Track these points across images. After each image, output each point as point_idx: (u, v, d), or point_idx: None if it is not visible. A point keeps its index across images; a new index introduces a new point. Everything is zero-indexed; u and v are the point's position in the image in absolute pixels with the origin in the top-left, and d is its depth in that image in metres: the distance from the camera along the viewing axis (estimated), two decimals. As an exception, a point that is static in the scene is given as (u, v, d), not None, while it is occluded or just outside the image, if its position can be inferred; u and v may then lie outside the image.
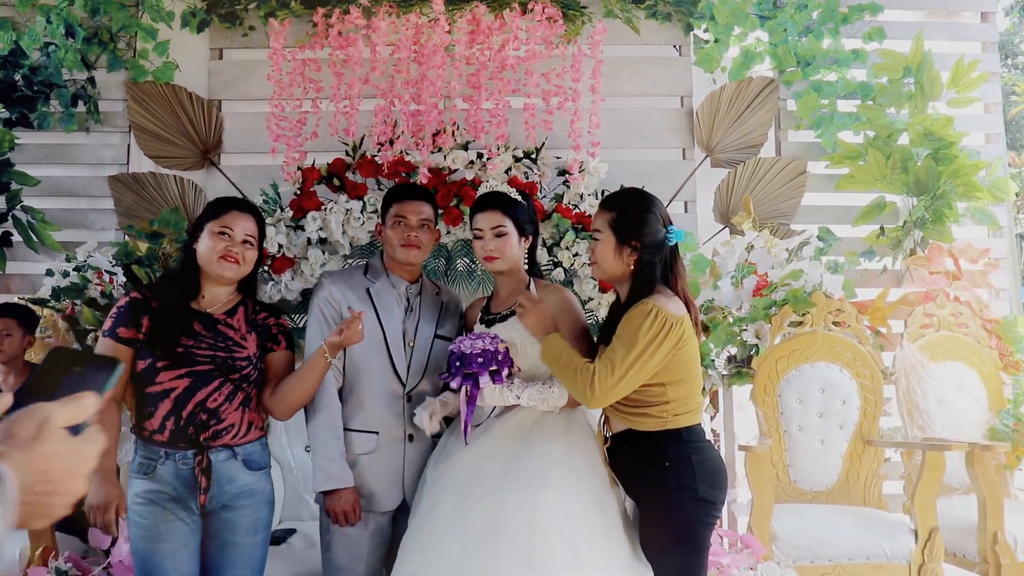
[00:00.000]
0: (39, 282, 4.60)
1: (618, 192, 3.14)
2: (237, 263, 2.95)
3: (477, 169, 4.61)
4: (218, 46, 5.14)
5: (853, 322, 4.39)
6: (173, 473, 2.85)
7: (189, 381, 2.85)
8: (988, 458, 3.90)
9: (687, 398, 2.81)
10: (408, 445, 3.16)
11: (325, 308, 3.18)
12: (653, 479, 2.75)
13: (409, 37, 4.61)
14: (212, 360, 2.88)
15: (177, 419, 2.84)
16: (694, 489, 2.71)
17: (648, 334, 2.69)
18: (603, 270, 2.93)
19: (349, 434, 3.12)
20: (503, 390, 2.91)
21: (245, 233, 2.97)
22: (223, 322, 2.97)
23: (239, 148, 5.06)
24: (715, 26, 5.11)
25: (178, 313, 2.91)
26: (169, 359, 2.84)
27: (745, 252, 4.54)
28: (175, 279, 3.04)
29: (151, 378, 2.86)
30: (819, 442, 4.30)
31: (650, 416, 2.77)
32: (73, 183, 5.08)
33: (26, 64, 4.90)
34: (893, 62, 5.08)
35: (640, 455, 2.79)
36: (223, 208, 3.01)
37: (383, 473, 3.12)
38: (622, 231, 2.86)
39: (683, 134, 5.17)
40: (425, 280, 3.37)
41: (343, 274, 3.34)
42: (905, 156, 4.96)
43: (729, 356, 4.48)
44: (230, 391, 2.91)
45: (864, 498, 4.25)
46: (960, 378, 4.57)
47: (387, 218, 3.26)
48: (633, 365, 2.68)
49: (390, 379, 3.16)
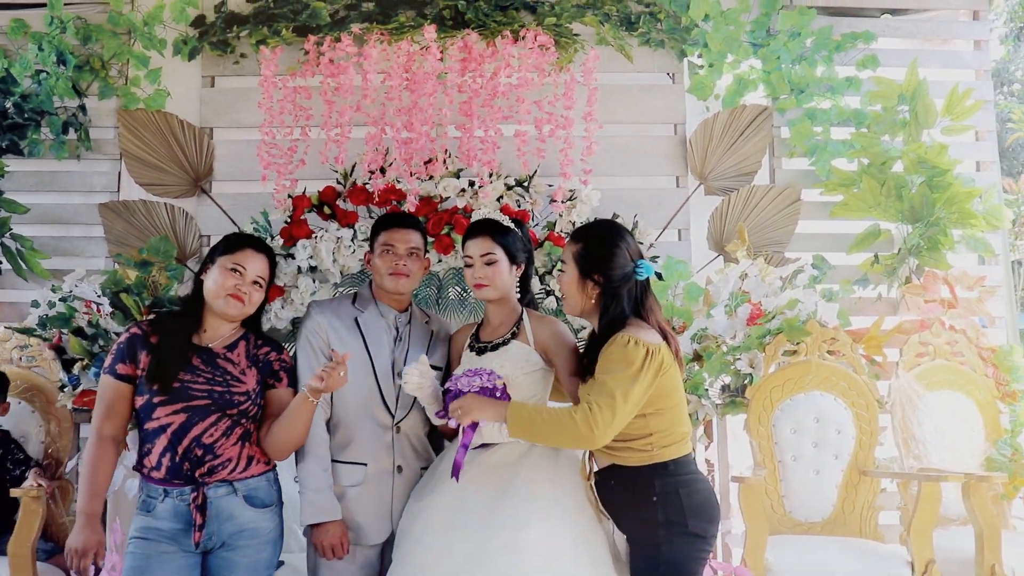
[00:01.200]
0: (27, 310, 4.55)
1: (588, 224, 3.09)
2: (243, 302, 2.93)
3: (469, 197, 4.58)
4: (210, 74, 5.12)
5: (848, 351, 4.35)
6: (171, 510, 2.81)
7: (185, 416, 2.82)
8: (985, 489, 3.85)
9: (671, 429, 2.76)
10: (397, 477, 3.11)
11: (313, 339, 3.14)
12: (641, 515, 2.71)
13: (401, 65, 4.61)
14: (209, 395, 2.85)
15: (173, 455, 2.81)
16: (684, 524, 2.67)
17: (632, 365, 2.65)
18: (569, 304, 2.90)
19: (337, 466, 3.08)
20: (501, 427, 2.85)
21: (257, 274, 2.96)
22: (223, 356, 2.94)
23: (230, 176, 5.04)
24: (708, 53, 5.11)
25: (177, 348, 2.88)
26: (165, 394, 2.81)
27: (739, 280, 4.51)
28: (178, 311, 3.02)
29: (149, 414, 2.83)
30: (814, 472, 4.25)
31: (634, 450, 2.73)
32: (63, 211, 5.04)
33: (17, 91, 4.88)
34: (888, 90, 5.07)
35: (626, 490, 2.75)
36: (238, 245, 2.99)
37: (371, 505, 3.08)
38: (585, 264, 2.83)
39: (676, 162, 5.15)
40: (414, 309, 3.33)
41: (331, 303, 3.30)
42: (899, 183, 4.94)
43: (723, 385, 4.44)
44: (228, 426, 2.87)
45: (860, 529, 4.20)
46: (956, 407, 4.51)
47: (375, 246, 3.24)
48: (626, 397, 2.64)
49: (379, 410, 3.12)
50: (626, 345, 2.67)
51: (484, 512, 2.74)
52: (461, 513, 2.78)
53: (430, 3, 5.00)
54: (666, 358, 2.73)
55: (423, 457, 3.21)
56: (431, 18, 4.88)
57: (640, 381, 2.66)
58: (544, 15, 4.96)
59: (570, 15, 4.99)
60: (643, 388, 2.67)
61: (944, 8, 5.51)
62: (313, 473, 3.03)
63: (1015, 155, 17.97)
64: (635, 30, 5.09)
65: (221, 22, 5.03)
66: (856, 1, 5.40)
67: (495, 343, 3.06)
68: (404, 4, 5.03)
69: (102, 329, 4.22)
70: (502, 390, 2.86)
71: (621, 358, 2.67)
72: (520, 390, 2.95)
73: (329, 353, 3.05)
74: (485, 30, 4.85)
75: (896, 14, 5.49)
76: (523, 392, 2.96)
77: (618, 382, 2.65)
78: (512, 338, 3.05)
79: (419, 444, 3.21)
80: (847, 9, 5.38)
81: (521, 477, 2.82)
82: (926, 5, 5.49)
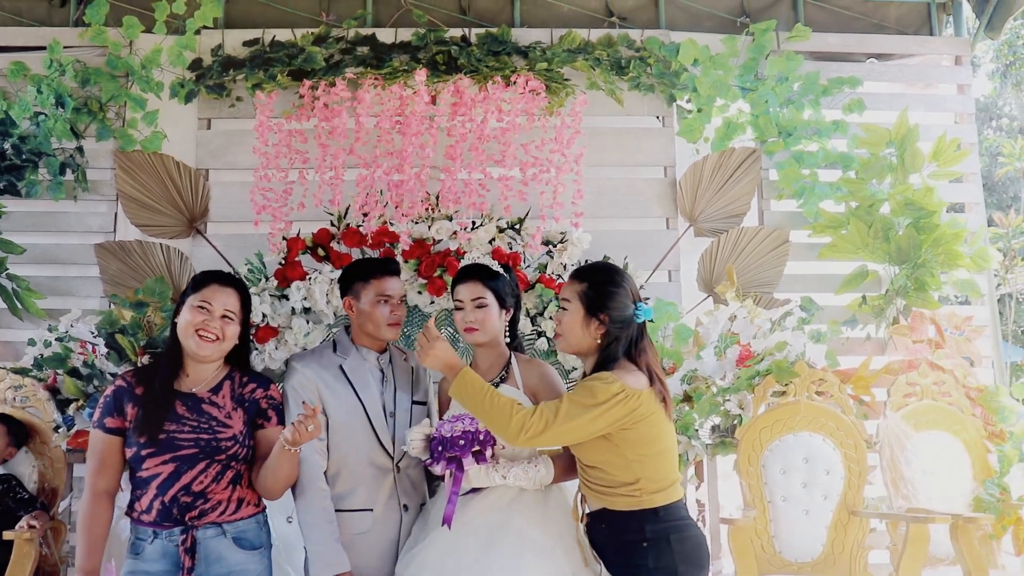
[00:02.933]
0: (22, 350, 4.58)
1: (590, 264, 3.12)
2: (215, 339, 2.90)
3: (461, 240, 4.63)
4: (206, 116, 5.19)
5: (836, 391, 4.38)
6: (160, 552, 2.81)
7: (174, 466, 2.81)
8: (973, 530, 3.89)
9: (658, 475, 2.77)
10: (404, 515, 3.13)
11: (301, 391, 3.11)
12: (631, 560, 2.72)
13: (393, 107, 4.68)
14: (195, 443, 2.84)
15: (163, 501, 2.81)
16: (674, 570, 2.68)
17: (599, 396, 2.68)
18: (569, 342, 2.89)
19: (343, 515, 3.06)
20: (488, 471, 2.89)
21: (225, 308, 2.92)
22: (207, 400, 2.92)
23: (226, 217, 5.09)
24: (697, 97, 5.20)
25: (161, 398, 2.86)
26: (153, 446, 2.81)
27: (728, 322, 4.55)
28: (160, 358, 3.00)
29: (139, 464, 2.83)
30: (803, 513, 4.27)
31: (622, 496, 2.75)
32: (59, 251, 5.09)
33: (15, 133, 4.95)
34: (876, 137, 5.15)
35: (617, 534, 2.76)
36: (203, 282, 2.97)
37: (379, 548, 3.08)
38: (592, 303, 2.83)
39: (666, 204, 5.22)
40: (392, 348, 3.34)
41: (312, 355, 3.27)
42: (886, 225, 5.01)
43: (713, 426, 4.47)
44: (217, 471, 2.85)
45: (850, 570, 4.20)
46: (944, 447, 4.53)
47: (364, 294, 3.21)
48: (568, 419, 2.66)
49: (377, 453, 3.13)
50: (604, 379, 2.71)
51: (476, 558, 2.76)
52: (452, 556, 2.80)
53: (423, 48, 5.08)
54: (646, 404, 2.74)
55: (420, 493, 3.22)
56: (424, 62, 4.96)
57: (594, 414, 2.67)
58: (536, 59, 5.04)
59: (561, 60, 5.08)
60: (599, 424, 2.69)
61: (928, 53, 5.64)
62: (317, 526, 3.00)
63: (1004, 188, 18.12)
64: (625, 75, 5.17)
65: (218, 66, 5.11)
66: (843, 47, 5.52)
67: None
68: (398, 49, 5.12)
69: (97, 369, 4.25)
70: (486, 432, 2.87)
71: (590, 388, 2.70)
72: None
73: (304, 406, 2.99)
74: (477, 75, 4.92)
75: (881, 59, 5.61)
76: None
77: (571, 404, 2.68)
78: (501, 382, 3.09)
79: (418, 480, 3.22)
80: (834, 54, 5.50)
81: (511, 522, 2.84)
82: (911, 50, 5.61)
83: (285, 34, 5.16)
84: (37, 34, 5.25)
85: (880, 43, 5.61)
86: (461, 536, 2.84)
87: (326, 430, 3.08)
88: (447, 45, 5.08)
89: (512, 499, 2.92)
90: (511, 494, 2.93)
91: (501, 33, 5.19)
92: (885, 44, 5.61)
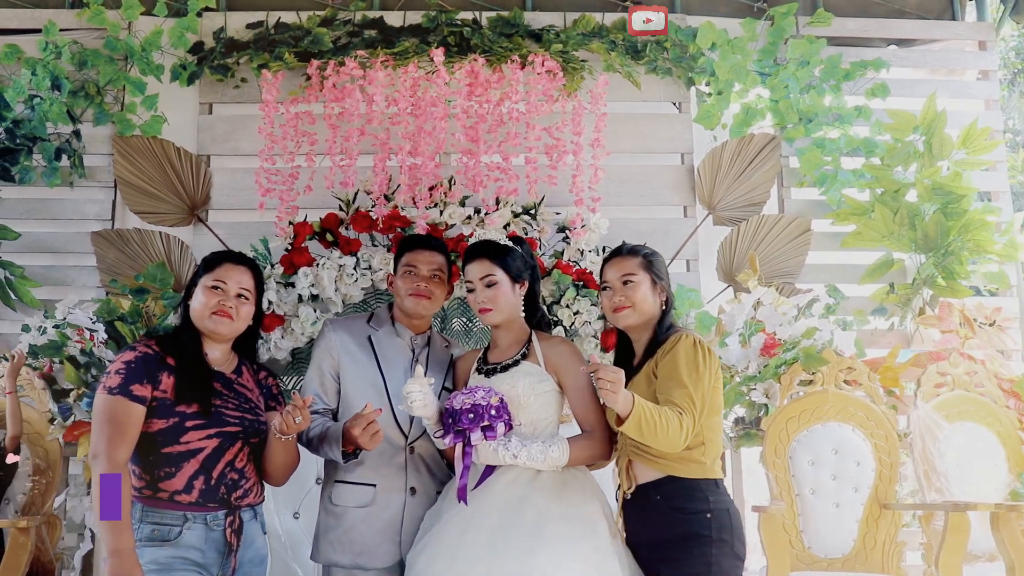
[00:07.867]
0: (15, 341, 4.40)
1: (623, 245, 3.11)
2: (230, 318, 2.79)
3: (475, 224, 4.48)
4: (207, 100, 5.02)
5: (865, 380, 4.24)
6: (202, 537, 2.63)
7: (217, 442, 2.68)
8: (1015, 519, 3.72)
9: (715, 446, 2.75)
10: (409, 499, 2.99)
11: (323, 359, 3.08)
12: (691, 531, 2.63)
13: (407, 89, 4.51)
14: (240, 422, 2.75)
15: (207, 479, 2.65)
16: (731, 544, 2.62)
17: (706, 363, 2.70)
18: (641, 311, 2.89)
19: (345, 486, 2.99)
20: (498, 448, 2.75)
21: (240, 286, 2.83)
22: (235, 381, 2.83)
23: (227, 204, 4.92)
24: (716, 82, 5.05)
25: (201, 370, 2.75)
26: (204, 417, 2.67)
27: (752, 310, 4.40)
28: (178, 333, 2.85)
29: (174, 438, 2.64)
30: (833, 506, 4.11)
31: (691, 461, 2.67)
32: (55, 239, 4.90)
33: (9, 116, 4.76)
34: (903, 123, 5.00)
35: (677, 505, 2.67)
36: (216, 262, 2.88)
37: (377, 527, 2.95)
38: (655, 271, 2.92)
39: (684, 191, 5.07)
40: (434, 334, 3.24)
41: (345, 321, 3.23)
42: (913, 212, 4.87)
43: (736, 418, 4.33)
44: (249, 453, 2.78)
45: (883, 565, 4.04)
46: (978, 439, 4.38)
47: (398, 267, 3.15)
48: (705, 397, 2.68)
49: (391, 430, 2.99)
50: (694, 345, 2.73)
51: (493, 537, 2.65)
52: (467, 536, 2.68)
53: (434, 31, 4.93)
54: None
55: (440, 480, 3.07)
56: (436, 44, 4.79)
57: (711, 379, 2.72)
58: (550, 42, 4.89)
59: (576, 42, 4.92)
60: (717, 387, 2.75)
61: (951, 38, 5.51)
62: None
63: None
64: (641, 58, 5.01)
65: (220, 48, 4.94)
66: (863, 32, 5.39)
67: (504, 364, 2.96)
68: (407, 31, 4.96)
69: (96, 358, 4.09)
70: (497, 407, 2.75)
71: (695, 357, 2.71)
72: (529, 413, 2.86)
73: (334, 374, 3.05)
74: (491, 55, 4.76)
75: (903, 45, 5.47)
76: (532, 415, 2.86)
77: (698, 383, 2.68)
78: (522, 358, 2.96)
79: (435, 466, 3.08)
80: (854, 39, 5.37)
81: (530, 501, 2.73)
82: (933, 35, 5.48)
83: (290, 17, 4.99)
84: (32, 15, 5.05)
85: (901, 28, 5.46)
86: (478, 516, 2.72)
87: (337, 397, 3.05)
88: (459, 27, 4.92)
89: (531, 478, 2.79)
90: (529, 473, 2.80)
91: (513, 16, 5.03)
92: (906, 29, 5.47)
